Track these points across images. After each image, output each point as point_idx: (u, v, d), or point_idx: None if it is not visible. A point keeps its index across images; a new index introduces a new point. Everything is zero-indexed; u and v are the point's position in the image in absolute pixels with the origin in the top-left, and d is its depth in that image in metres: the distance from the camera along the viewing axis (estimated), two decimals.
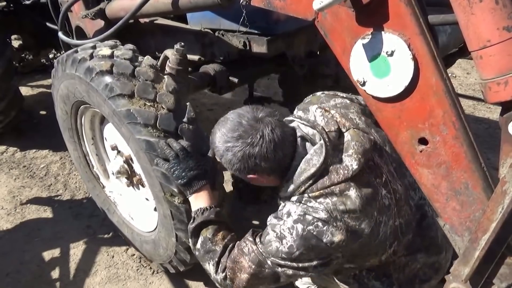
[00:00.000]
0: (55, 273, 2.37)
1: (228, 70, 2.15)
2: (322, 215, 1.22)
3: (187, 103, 1.69)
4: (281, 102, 3.06)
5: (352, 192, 1.25)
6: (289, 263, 1.27)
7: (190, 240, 1.51)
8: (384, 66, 1.04)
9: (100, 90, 1.72)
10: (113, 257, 2.47)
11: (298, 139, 1.31)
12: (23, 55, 4.58)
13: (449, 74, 1.04)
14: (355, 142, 1.29)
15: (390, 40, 1.01)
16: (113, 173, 2.08)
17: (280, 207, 1.35)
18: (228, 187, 2.54)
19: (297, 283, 1.88)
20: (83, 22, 2.42)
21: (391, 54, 1.02)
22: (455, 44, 1.92)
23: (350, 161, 1.26)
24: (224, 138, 1.27)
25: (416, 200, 1.45)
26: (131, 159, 2.06)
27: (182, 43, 1.62)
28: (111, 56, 1.78)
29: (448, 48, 1.93)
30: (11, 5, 3.71)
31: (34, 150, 3.52)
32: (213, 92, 2.20)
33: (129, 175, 2.09)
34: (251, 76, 2.46)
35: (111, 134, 2.14)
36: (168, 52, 1.66)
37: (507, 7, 0.85)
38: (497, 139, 0.95)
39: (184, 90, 1.73)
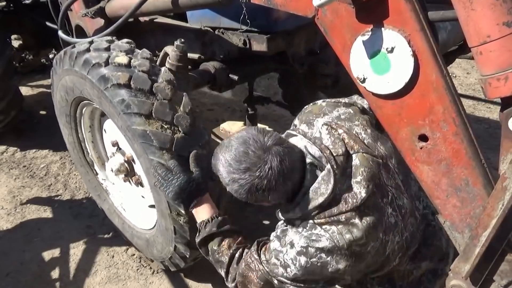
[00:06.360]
0: (55, 273, 2.37)
1: (228, 68, 2.14)
2: (326, 244, 1.19)
3: (201, 126, 1.68)
4: (281, 102, 3.06)
5: (358, 220, 1.21)
6: (295, 283, 1.28)
7: (200, 250, 1.51)
8: (384, 62, 1.04)
9: (114, 102, 1.65)
10: (113, 257, 2.47)
11: (307, 166, 1.25)
12: (23, 55, 4.58)
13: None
14: (364, 168, 1.24)
15: (390, 36, 1.01)
16: (111, 170, 2.07)
17: (281, 226, 1.33)
18: None
19: None
20: (83, 20, 2.42)
21: (391, 51, 1.02)
22: (455, 41, 1.92)
23: (359, 188, 1.21)
24: (229, 168, 1.21)
25: (421, 210, 1.44)
26: (133, 160, 2.04)
27: (182, 40, 1.62)
28: (128, 65, 1.69)
29: (448, 45, 1.93)
30: (11, 4, 3.71)
31: (34, 150, 3.52)
32: (213, 89, 2.20)
33: (128, 173, 2.08)
34: (251, 74, 2.46)
35: (112, 129, 2.11)
36: (168, 49, 1.66)
37: (507, 2, 0.85)
38: (497, 139, 0.95)
39: (184, 87, 1.72)
